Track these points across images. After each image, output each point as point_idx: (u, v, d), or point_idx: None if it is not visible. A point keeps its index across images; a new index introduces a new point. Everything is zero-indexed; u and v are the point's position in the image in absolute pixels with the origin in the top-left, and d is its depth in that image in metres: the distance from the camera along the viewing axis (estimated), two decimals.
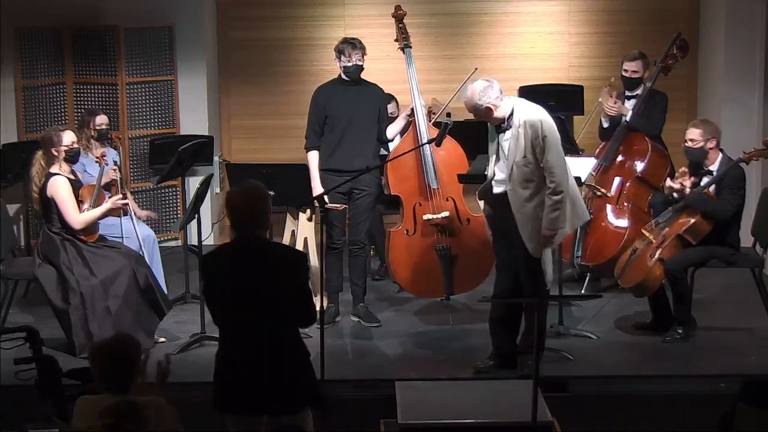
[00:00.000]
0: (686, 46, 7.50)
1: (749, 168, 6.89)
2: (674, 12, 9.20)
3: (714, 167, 6.49)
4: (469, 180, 6.50)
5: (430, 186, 6.78)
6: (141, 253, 6.76)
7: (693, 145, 6.51)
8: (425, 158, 6.77)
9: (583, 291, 7.32)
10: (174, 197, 8.90)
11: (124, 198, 6.79)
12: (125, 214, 6.91)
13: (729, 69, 8.56)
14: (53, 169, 6.48)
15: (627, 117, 7.31)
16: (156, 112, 8.84)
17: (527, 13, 9.33)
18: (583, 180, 6.78)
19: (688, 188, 6.47)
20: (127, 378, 4.00)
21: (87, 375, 4.16)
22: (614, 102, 7.34)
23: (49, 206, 6.48)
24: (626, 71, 7.42)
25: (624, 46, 8.66)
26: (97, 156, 6.95)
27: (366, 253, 7.17)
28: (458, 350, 6.49)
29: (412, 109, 6.81)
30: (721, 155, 6.51)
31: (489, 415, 4.92)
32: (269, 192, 4.56)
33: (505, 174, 5.81)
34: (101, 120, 7.49)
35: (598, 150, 7.52)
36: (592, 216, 7.29)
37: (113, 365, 3.98)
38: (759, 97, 8.38)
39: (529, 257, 5.83)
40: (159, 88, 8.83)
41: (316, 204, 6.32)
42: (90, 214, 6.52)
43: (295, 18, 9.33)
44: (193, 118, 8.85)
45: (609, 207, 7.32)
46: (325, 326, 6.02)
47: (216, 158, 8.58)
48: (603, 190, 7.22)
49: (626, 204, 7.28)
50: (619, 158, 7.38)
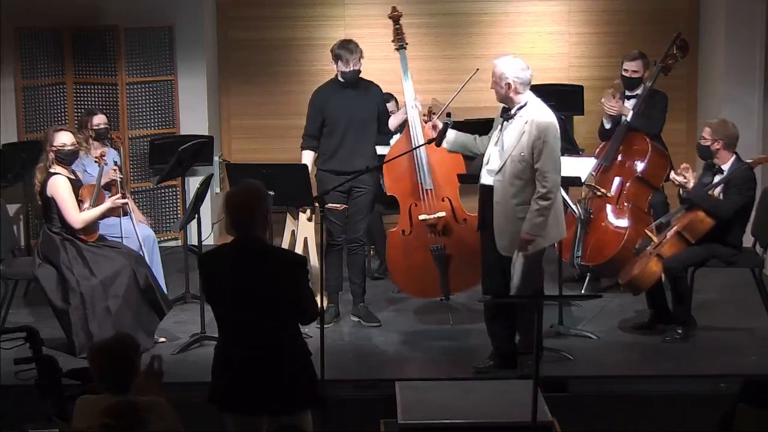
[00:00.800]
0: (686, 46, 7.51)
1: None
2: (674, 12, 9.20)
3: (726, 167, 6.52)
4: (469, 180, 6.50)
5: (424, 186, 6.78)
6: (141, 253, 6.76)
7: (702, 143, 6.58)
8: (419, 159, 6.77)
9: (583, 291, 7.32)
10: (174, 197, 8.90)
11: (124, 198, 6.79)
12: (125, 214, 6.91)
13: (729, 69, 8.56)
14: (54, 169, 6.49)
15: (627, 117, 7.32)
16: (156, 112, 8.84)
17: (527, 13, 9.33)
18: (583, 180, 6.79)
19: (692, 182, 6.49)
20: (127, 378, 4.00)
21: (87, 375, 4.15)
22: (615, 102, 7.35)
23: (50, 206, 6.49)
24: (626, 71, 7.42)
25: (624, 46, 8.66)
26: (97, 156, 6.95)
27: (365, 252, 7.17)
28: (458, 350, 6.49)
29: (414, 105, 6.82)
30: (735, 157, 6.53)
31: (489, 415, 4.92)
32: (269, 192, 4.55)
33: (498, 164, 5.80)
34: (99, 120, 7.50)
35: (598, 150, 7.52)
36: (592, 216, 7.31)
37: (113, 365, 3.97)
38: (759, 97, 8.38)
39: (506, 258, 5.82)
40: (159, 88, 8.83)
41: (316, 204, 6.33)
42: (90, 214, 6.52)
43: (295, 18, 9.33)
44: (193, 118, 8.86)
45: (609, 207, 7.32)
46: (325, 326, 6.03)
47: (216, 158, 8.59)
48: (603, 190, 7.22)
49: (626, 204, 7.29)
50: (619, 158, 7.39)
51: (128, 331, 5.29)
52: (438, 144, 6.47)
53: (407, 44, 7.02)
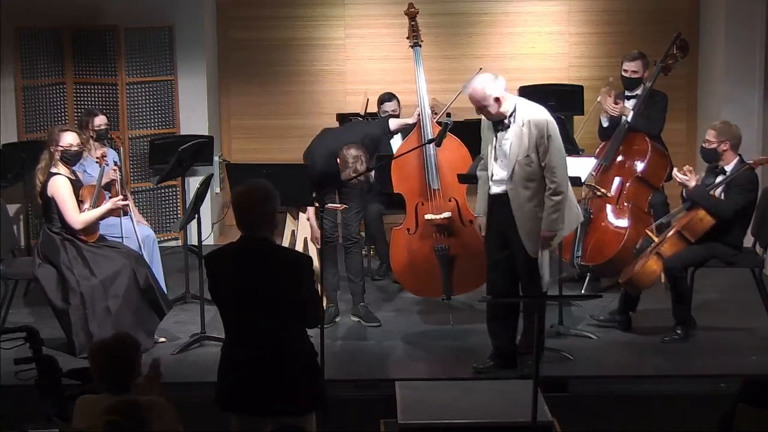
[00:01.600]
0: (686, 46, 7.50)
1: None
2: (674, 12, 9.20)
3: (729, 168, 6.51)
4: (469, 180, 6.49)
5: (431, 186, 6.78)
6: (141, 253, 6.76)
7: (706, 146, 6.56)
8: (427, 158, 6.77)
9: (583, 291, 7.32)
10: (174, 197, 8.90)
11: (125, 198, 6.79)
12: (125, 214, 6.91)
13: (729, 69, 8.56)
14: (54, 169, 6.49)
15: (628, 117, 7.32)
16: (156, 112, 8.84)
17: (527, 13, 9.34)
18: (583, 180, 6.79)
19: (693, 182, 6.50)
20: (127, 377, 4.00)
21: (87, 375, 4.16)
22: (615, 102, 7.35)
23: (50, 206, 6.49)
24: (626, 71, 7.42)
25: (624, 46, 8.66)
26: (98, 156, 6.94)
27: (360, 249, 7.16)
28: (458, 350, 6.49)
29: (419, 115, 6.82)
30: (738, 158, 6.53)
31: (489, 415, 4.93)
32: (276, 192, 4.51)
33: (506, 173, 5.80)
34: (100, 121, 7.50)
35: (598, 150, 7.52)
36: (593, 216, 7.31)
37: (113, 365, 3.98)
38: (759, 97, 8.38)
39: (528, 257, 5.83)
40: (159, 88, 8.83)
41: (316, 204, 6.33)
42: (90, 215, 6.52)
43: (295, 18, 9.33)
44: (193, 118, 8.85)
45: (609, 207, 7.32)
46: (325, 326, 6.02)
47: (216, 158, 8.59)
48: (603, 190, 7.22)
49: (626, 204, 7.28)
50: (619, 158, 7.38)
51: (128, 331, 5.28)
52: (438, 144, 6.49)
53: (422, 41, 7.01)
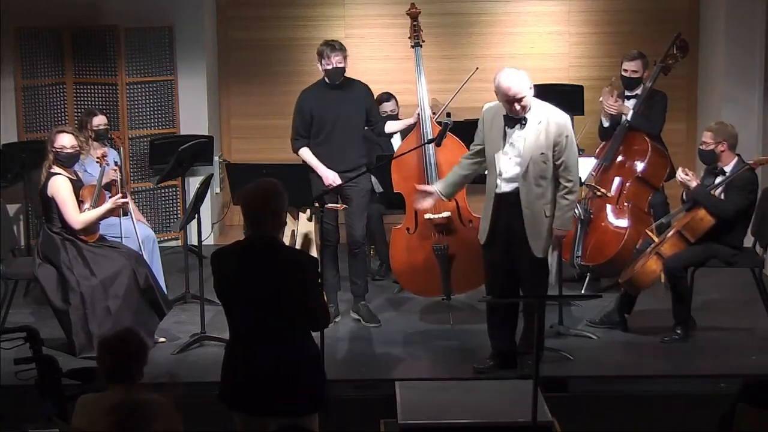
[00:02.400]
0: (686, 46, 7.51)
1: None
2: (674, 12, 9.20)
3: (728, 168, 6.51)
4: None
5: None
6: (141, 253, 6.76)
7: (704, 148, 6.55)
8: (427, 158, 6.77)
9: (583, 291, 7.32)
10: (174, 197, 8.90)
11: (125, 198, 6.79)
12: (125, 214, 6.91)
13: (729, 69, 8.56)
14: (54, 169, 6.49)
15: (628, 117, 7.32)
16: (156, 112, 8.84)
17: (527, 13, 9.33)
18: (583, 180, 6.80)
19: (695, 182, 6.50)
20: (135, 370, 4.03)
21: (87, 375, 4.17)
22: (614, 101, 7.35)
23: (50, 206, 6.49)
24: (626, 71, 7.42)
25: (624, 46, 8.66)
26: (98, 156, 6.95)
27: (365, 252, 7.16)
28: (458, 350, 6.49)
29: (418, 114, 6.81)
30: (737, 158, 6.53)
31: (489, 415, 4.92)
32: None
33: (520, 170, 5.78)
34: (99, 121, 7.50)
35: (598, 150, 7.52)
36: (593, 216, 7.31)
37: (121, 358, 4.00)
38: (759, 97, 8.38)
39: (533, 257, 5.83)
40: (159, 88, 8.83)
41: (316, 204, 6.33)
42: (90, 214, 6.53)
43: (295, 18, 9.33)
44: (193, 118, 8.85)
45: (609, 207, 7.32)
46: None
47: (216, 158, 8.59)
48: (603, 190, 7.22)
49: (626, 204, 7.29)
50: (619, 158, 7.39)
51: None
52: (438, 144, 6.49)
53: (424, 42, 7.01)
